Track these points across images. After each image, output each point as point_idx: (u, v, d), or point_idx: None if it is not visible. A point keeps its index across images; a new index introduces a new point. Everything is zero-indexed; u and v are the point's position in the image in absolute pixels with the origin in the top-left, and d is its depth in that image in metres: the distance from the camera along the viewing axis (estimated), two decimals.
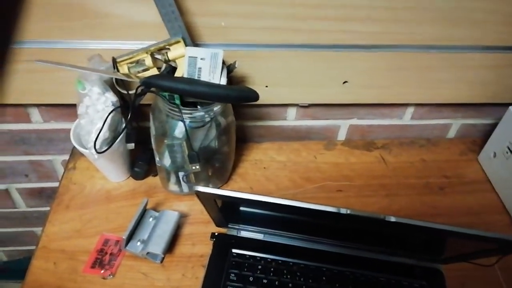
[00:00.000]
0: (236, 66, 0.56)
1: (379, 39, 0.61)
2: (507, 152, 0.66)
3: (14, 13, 0.53)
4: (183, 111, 0.54)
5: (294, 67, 0.63)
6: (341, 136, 0.78)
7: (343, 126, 0.76)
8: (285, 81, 0.65)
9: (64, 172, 0.67)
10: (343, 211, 0.38)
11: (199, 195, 0.42)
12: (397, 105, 0.73)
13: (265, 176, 0.70)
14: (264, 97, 0.66)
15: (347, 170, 0.72)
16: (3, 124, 0.68)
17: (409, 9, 0.58)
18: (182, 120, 0.54)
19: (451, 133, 0.80)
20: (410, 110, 0.75)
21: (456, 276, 0.57)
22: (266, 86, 0.65)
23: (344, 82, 0.66)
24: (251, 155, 0.73)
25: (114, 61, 0.54)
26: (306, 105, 0.71)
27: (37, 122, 0.68)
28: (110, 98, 0.57)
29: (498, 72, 0.67)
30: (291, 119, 0.74)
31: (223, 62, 0.55)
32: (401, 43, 0.62)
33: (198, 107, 0.56)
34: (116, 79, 0.57)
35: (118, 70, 0.55)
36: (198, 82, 0.53)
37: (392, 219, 0.37)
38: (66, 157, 0.72)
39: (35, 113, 0.67)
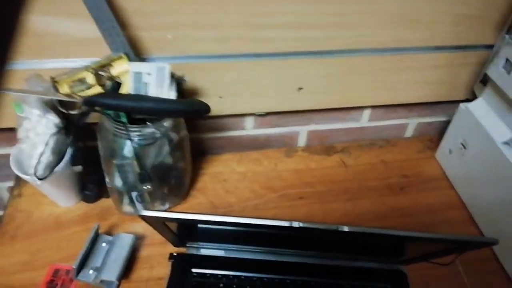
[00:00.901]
0: (185, 79, 0.55)
1: (330, 44, 0.61)
2: (461, 148, 0.68)
3: None
4: (131, 128, 0.52)
5: (248, 77, 0.62)
6: (301, 142, 0.78)
7: (301, 132, 0.76)
8: (239, 91, 0.64)
9: (8, 200, 0.63)
10: (295, 224, 0.37)
11: (145, 219, 0.39)
12: (353, 108, 0.73)
13: (225, 189, 0.68)
14: (219, 108, 0.65)
15: (308, 176, 0.71)
16: None
17: (358, 14, 0.58)
18: (129, 139, 0.52)
19: (408, 133, 0.81)
20: (367, 113, 0.75)
21: (420, 276, 0.57)
22: (220, 97, 0.63)
23: (299, 89, 0.66)
24: (211, 168, 0.71)
25: (53, 81, 0.51)
26: (263, 113, 0.70)
27: None
28: (52, 119, 0.53)
29: (449, 71, 0.69)
30: (250, 128, 0.73)
31: (172, 76, 0.53)
32: (352, 48, 0.62)
33: (148, 123, 0.54)
34: (58, 100, 0.54)
35: (58, 90, 0.51)
36: (144, 98, 0.51)
37: (345, 228, 0.37)
38: (11, 183, 0.67)
39: None
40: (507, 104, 0.59)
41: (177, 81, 0.55)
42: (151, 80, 0.52)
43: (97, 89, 0.53)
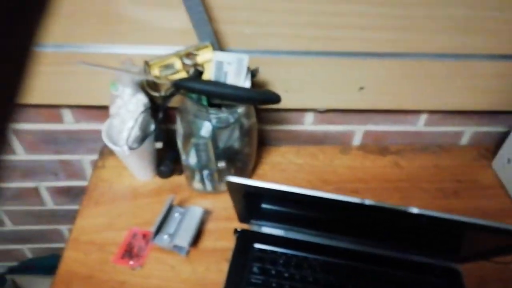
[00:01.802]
0: (259, 71, 0.60)
1: (394, 47, 0.64)
2: None
3: (51, 16, 0.58)
4: (210, 111, 0.58)
5: (313, 73, 0.67)
6: (356, 141, 0.81)
7: (358, 131, 0.79)
8: (304, 87, 0.68)
9: (93, 170, 0.71)
10: (367, 202, 0.40)
11: (230, 185, 0.45)
12: (411, 111, 0.76)
13: (283, 178, 0.73)
14: (284, 102, 0.69)
15: (362, 173, 0.75)
16: (36, 124, 0.72)
17: (423, 18, 0.61)
18: (209, 120, 0.58)
19: (464, 140, 0.82)
20: (424, 117, 0.77)
21: (475, 276, 0.58)
22: (286, 91, 0.68)
23: (360, 89, 0.69)
24: (270, 158, 0.76)
25: (147, 64, 0.58)
26: (323, 110, 0.74)
27: (68, 122, 0.73)
28: (141, 99, 0.60)
29: (510, 80, 0.70)
30: (309, 123, 0.77)
31: (248, 67, 0.59)
32: (416, 51, 0.65)
33: (223, 108, 0.60)
34: (146, 82, 0.61)
35: (149, 73, 0.59)
36: (225, 85, 0.57)
37: (415, 210, 0.40)
38: (94, 157, 0.76)
39: (67, 114, 0.71)
40: None
41: (252, 73, 0.60)
42: (230, 69, 0.57)
43: (182, 74, 0.59)
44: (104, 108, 0.64)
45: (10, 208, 0.87)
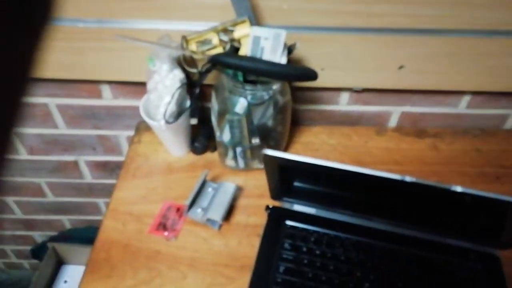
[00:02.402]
0: (296, 47, 0.59)
1: (438, 23, 0.61)
2: None
3: None
4: (246, 87, 0.57)
5: (351, 51, 0.65)
6: (392, 122, 0.79)
7: (395, 112, 0.77)
8: (340, 65, 0.67)
9: (130, 145, 0.73)
10: (407, 179, 0.39)
11: (266, 159, 0.45)
12: (452, 92, 0.73)
13: (315, 156, 0.72)
14: (320, 80, 0.68)
15: (398, 155, 0.73)
16: (77, 99, 0.75)
17: None
18: (244, 97, 0.58)
19: (509, 124, 0.78)
20: (466, 98, 0.74)
21: None
22: (322, 69, 0.67)
23: (400, 67, 0.67)
24: (303, 138, 0.75)
25: (184, 39, 0.58)
26: (360, 90, 0.72)
27: (107, 98, 0.75)
28: (178, 75, 0.61)
29: None
30: (344, 104, 0.75)
31: (285, 43, 0.58)
32: (461, 28, 0.62)
33: (258, 85, 0.59)
34: (183, 57, 0.61)
35: (187, 48, 0.59)
36: (261, 61, 0.56)
37: (458, 189, 0.38)
38: (131, 133, 0.77)
39: (106, 90, 0.73)
40: None
41: (289, 49, 0.59)
42: (267, 44, 0.57)
43: (219, 50, 0.59)
44: (141, 84, 0.65)
45: (51, 180, 0.92)
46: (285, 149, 0.72)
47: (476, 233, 0.55)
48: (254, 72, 0.56)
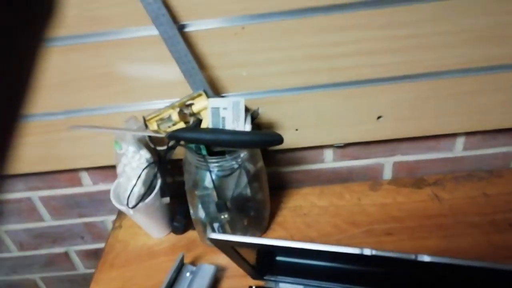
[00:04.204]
0: (259, 112, 0.57)
1: (409, 68, 0.59)
2: None
3: (57, 85, 0.60)
4: (210, 160, 0.55)
5: (322, 108, 0.62)
6: (387, 174, 0.73)
7: (387, 164, 0.72)
8: (315, 123, 0.64)
9: (110, 231, 0.70)
10: (366, 252, 0.34)
11: (215, 243, 0.40)
12: (444, 136, 0.67)
13: (305, 223, 0.66)
14: (295, 141, 0.66)
15: (396, 211, 0.66)
16: (59, 189, 0.74)
17: (437, 34, 0.55)
18: (209, 170, 0.55)
19: None
20: (460, 140, 0.68)
21: None
22: (296, 130, 0.64)
23: (378, 118, 0.63)
24: (290, 202, 0.71)
25: (144, 120, 0.57)
26: (342, 145, 0.68)
27: (87, 185, 0.74)
28: (144, 155, 0.59)
29: None
30: (329, 161, 0.71)
31: (247, 110, 0.56)
32: (435, 70, 0.59)
33: (226, 156, 0.57)
34: (149, 137, 0.60)
35: (148, 128, 0.58)
36: (221, 131, 0.54)
37: (426, 258, 0.32)
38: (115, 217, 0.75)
39: (85, 177, 0.72)
40: None
41: (252, 115, 0.57)
42: (227, 114, 0.55)
43: (181, 126, 0.58)
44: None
45: (45, 275, 0.89)
46: (270, 217, 0.67)
47: None
48: (216, 143, 0.54)
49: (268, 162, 0.61)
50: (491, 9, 0.53)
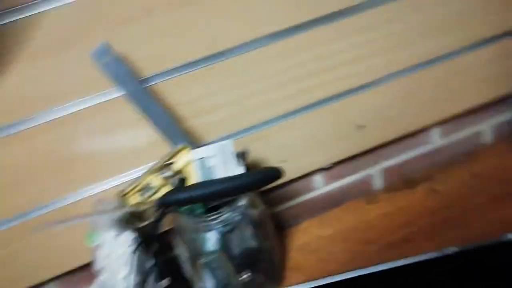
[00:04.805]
0: (248, 151, 0.52)
1: (374, 74, 0.59)
2: None
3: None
4: (210, 218, 0.48)
5: (305, 132, 0.59)
6: (378, 184, 0.71)
7: (375, 173, 0.70)
8: (300, 150, 0.61)
9: None
10: (448, 251, 0.30)
11: None
12: (420, 130, 0.68)
13: (319, 259, 0.61)
14: (286, 174, 0.61)
15: (402, 217, 0.64)
16: None
17: (390, 35, 0.57)
18: (212, 229, 0.48)
19: (487, 138, 0.74)
20: (437, 130, 0.69)
21: None
22: (283, 161, 0.60)
23: (359, 127, 0.62)
24: (295, 241, 0.65)
25: (121, 196, 0.49)
26: (330, 165, 0.65)
27: None
28: (129, 237, 0.50)
29: (502, 61, 0.64)
30: (320, 186, 0.68)
31: (234, 153, 0.51)
32: (397, 69, 0.60)
33: (224, 208, 0.50)
34: (130, 214, 0.51)
35: (128, 204, 0.49)
36: (217, 181, 0.48)
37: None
38: None
39: None
40: None
41: (242, 156, 0.52)
42: (216, 162, 0.49)
43: (166, 189, 0.50)
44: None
45: None
46: (282, 266, 0.60)
47: None
48: (211, 197, 0.47)
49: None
50: (437, 1, 0.56)
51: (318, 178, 0.67)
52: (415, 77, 0.60)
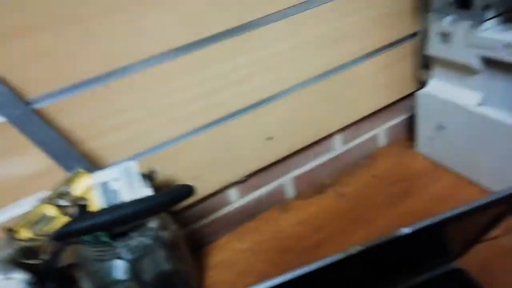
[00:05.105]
0: (156, 170, 0.50)
1: (279, 85, 0.61)
2: (440, 131, 0.68)
3: None
4: (117, 245, 0.44)
5: (215, 147, 0.59)
6: (290, 193, 0.73)
7: (287, 182, 0.72)
8: (210, 165, 0.60)
9: None
10: (353, 250, 0.32)
11: None
12: (324, 138, 0.72)
13: (239, 273, 0.60)
14: (199, 191, 0.60)
15: (314, 222, 0.66)
16: None
17: (291, 49, 0.59)
18: (119, 257, 0.44)
19: (382, 141, 0.81)
20: (338, 137, 0.74)
21: (476, 264, 0.52)
22: (195, 179, 0.59)
23: (269, 139, 0.63)
24: (213, 258, 0.63)
25: (10, 231, 0.43)
26: (244, 178, 0.65)
27: None
28: (20, 277, 0.44)
29: (391, 70, 0.71)
30: (235, 200, 0.67)
31: (141, 173, 0.48)
32: (300, 81, 0.62)
33: (132, 233, 0.47)
34: (21, 251, 0.45)
35: (18, 239, 0.44)
36: (123, 206, 0.45)
37: (407, 230, 0.32)
38: None
39: None
40: (461, 70, 0.60)
41: (149, 177, 0.50)
42: (120, 185, 0.46)
43: (63, 219, 0.46)
44: None
45: None
46: (200, 285, 0.58)
47: (432, 258, 0.50)
48: (117, 223, 0.44)
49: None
50: (329, 16, 0.60)
51: (233, 192, 0.67)
52: (314, 88, 0.64)
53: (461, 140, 0.64)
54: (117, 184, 0.46)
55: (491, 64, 0.56)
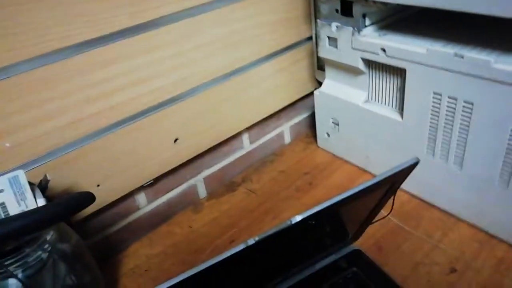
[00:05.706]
0: (48, 178, 0.47)
1: (182, 86, 0.61)
2: (335, 127, 0.74)
3: None
4: (8, 263, 0.41)
5: (117, 150, 0.57)
6: (202, 193, 0.74)
7: (198, 182, 0.72)
8: (116, 170, 0.58)
9: None
10: (250, 241, 0.33)
11: None
12: (232, 137, 0.74)
13: (151, 279, 0.59)
14: (103, 198, 0.58)
15: (226, 220, 0.68)
16: None
17: (195, 49, 0.60)
18: (11, 276, 0.41)
19: (287, 139, 0.86)
20: (246, 136, 0.76)
21: (371, 244, 0.58)
22: (98, 185, 0.56)
23: (175, 140, 0.63)
24: (124, 267, 0.61)
25: None
26: (151, 181, 0.64)
27: None
28: None
29: (289, 71, 0.76)
30: (145, 204, 0.66)
31: (31, 183, 0.45)
32: (204, 81, 0.63)
33: (25, 250, 0.43)
34: None
35: None
36: (9, 220, 0.41)
37: (298, 218, 0.35)
38: None
39: None
40: (348, 71, 0.67)
41: (40, 186, 0.46)
42: (7, 197, 0.42)
43: None
44: None
45: None
46: None
47: (332, 242, 0.55)
48: (8, 238, 0.40)
49: (80, 236, 0.51)
50: (229, 19, 0.62)
51: (141, 197, 0.65)
52: (218, 89, 0.65)
53: (353, 134, 0.71)
54: (3, 196, 0.42)
55: (372, 65, 0.63)
